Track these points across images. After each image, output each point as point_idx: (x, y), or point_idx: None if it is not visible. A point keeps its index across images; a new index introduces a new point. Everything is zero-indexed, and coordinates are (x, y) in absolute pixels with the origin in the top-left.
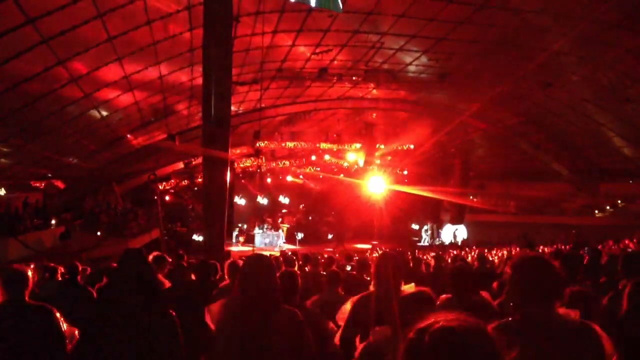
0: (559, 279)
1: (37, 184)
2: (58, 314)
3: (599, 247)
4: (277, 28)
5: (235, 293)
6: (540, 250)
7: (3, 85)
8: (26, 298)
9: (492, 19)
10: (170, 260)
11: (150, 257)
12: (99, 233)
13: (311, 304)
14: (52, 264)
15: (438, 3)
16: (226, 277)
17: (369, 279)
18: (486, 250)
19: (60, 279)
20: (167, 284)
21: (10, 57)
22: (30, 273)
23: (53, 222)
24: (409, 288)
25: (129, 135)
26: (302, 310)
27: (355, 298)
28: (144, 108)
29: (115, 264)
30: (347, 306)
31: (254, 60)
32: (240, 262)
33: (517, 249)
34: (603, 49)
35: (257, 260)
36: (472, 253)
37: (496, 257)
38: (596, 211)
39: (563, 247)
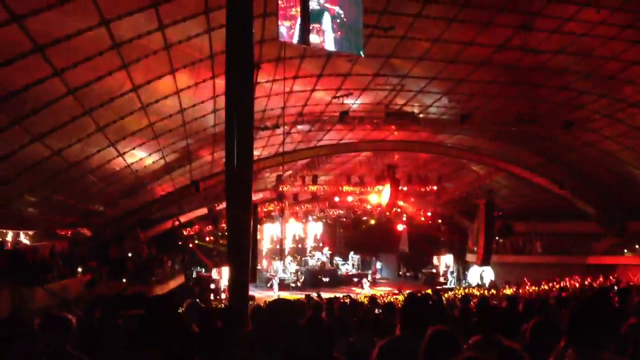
0: (610, 323)
1: (64, 232)
2: None
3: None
4: (298, 73)
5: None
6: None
7: (30, 135)
8: (68, 347)
9: (511, 59)
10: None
11: (184, 304)
12: (124, 280)
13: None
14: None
15: (457, 45)
16: (250, 322)
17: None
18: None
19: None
20: (196, 329)
21: (39, 108)
22: (73, 320)
23: (79, 269)
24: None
25: (153, 182)
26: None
27: (381, 342)
28: (168, 155)
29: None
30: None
31: (275, 105)
32: (263, 306)
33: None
34: (624, 87)
35: (280, 304)
36: (500, 294)
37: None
38: (625, 250)
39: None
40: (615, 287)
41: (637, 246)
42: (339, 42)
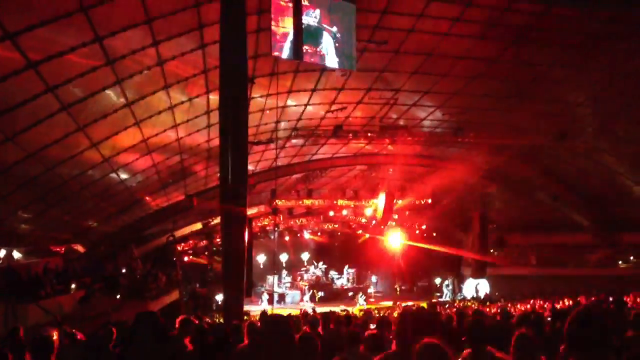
0: (609, 330)
1: (57, 249)
2: None
3: (625, 299)
4: (292, 88)
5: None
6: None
7: (24, 152)
8: None
9: (505, 72)
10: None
11: (177, 320)
12: (118, 296)
13: None
14: (71, 330)
15: (450, 59)
16: (245, 338)
17: (391, 337)
18: (509, 305)
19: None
20: (189, 347)
21: (31, 124)
22: (55, 337)
23: (73, 286)
24: None
25: (147, 197)
26: None
27: (377, 358)
28: (162, 170)
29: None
30: None
31: (269, 120)
32: (257, 323)
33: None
34: (618, 99)
35: (274, 323)
36: (495, 309)
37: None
38: (619, 262)
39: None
40: (610, 299)
41: (631, 258)
42: (334, 59)
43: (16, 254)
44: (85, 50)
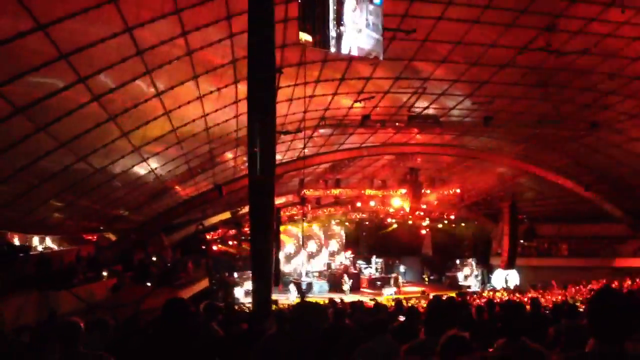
0: (633, 315)
1: (89, 237)
2: None
3: None
4: (320, 77)
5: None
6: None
7: (56, 141)
8: (81, 348)
9: (535, 61)
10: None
11: (201, 305)
12: (149, 284)
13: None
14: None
15: (479, 47)
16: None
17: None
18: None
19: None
20: (220, 332)
21: (62, 115)
22: (82, 325)
23: (104, 274)
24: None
25: (176, 187)
26: None
27: (404, 346)
28: (191, 159)
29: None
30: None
31: (297, 110)
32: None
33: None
34: None
35: (305, 307)
36: (525, 298)
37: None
38: None
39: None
40: None
41: None
42: (360, 46)
43: (49, 242)
44: (115, 41)
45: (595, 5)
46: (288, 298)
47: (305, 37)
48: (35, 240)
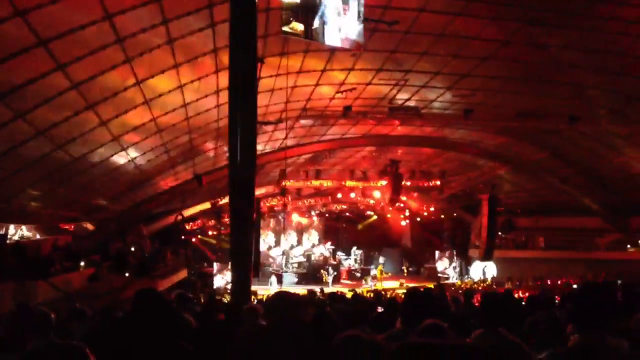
0: (614, 308)
1: (67, 226)
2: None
3: None
4: (301, 68)
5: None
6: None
7: (33, 129)
8: (54, 338)
9: (516, 54)
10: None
11: (173, 295)
12: (127, 274)
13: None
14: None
15: (461, 40)
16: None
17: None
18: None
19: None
20: (193, 322)
21: (41, 103)
22: (53, 315)
23: (82, 264)
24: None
25: (156, 176)
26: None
27: (381, 336)
28: (171, 149)
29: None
30: None
31: (278, 100)
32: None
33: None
34: (630, 82)
35: (281, 297)
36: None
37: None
38: (628, 246)
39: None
40: (619, 282)
41: None
42: (341, 37)
43: (26, 231)
44: (95, 28)
45: None
46: (269, 289)
47: (287, 27)
48: (12, 229)
